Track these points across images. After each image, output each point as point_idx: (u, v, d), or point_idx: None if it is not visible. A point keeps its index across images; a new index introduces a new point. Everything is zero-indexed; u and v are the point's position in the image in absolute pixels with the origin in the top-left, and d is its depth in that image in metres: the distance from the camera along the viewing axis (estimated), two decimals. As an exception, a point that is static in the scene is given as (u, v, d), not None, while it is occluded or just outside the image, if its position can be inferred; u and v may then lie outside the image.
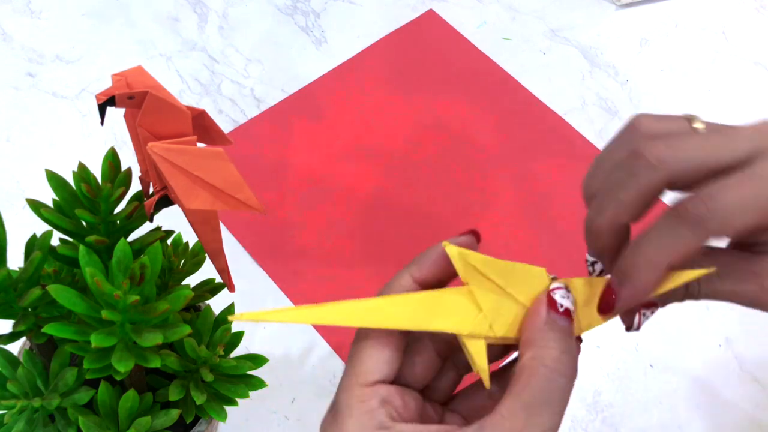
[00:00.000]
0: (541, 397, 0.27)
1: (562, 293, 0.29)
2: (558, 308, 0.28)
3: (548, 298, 0.29)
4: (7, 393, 0.39)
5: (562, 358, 0.28)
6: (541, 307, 0.29)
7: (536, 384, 0.27)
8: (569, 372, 0.28)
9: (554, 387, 0.27)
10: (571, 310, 0.29)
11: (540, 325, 0.28)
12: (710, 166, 0.27)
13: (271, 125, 0.75)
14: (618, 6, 0.86)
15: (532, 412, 0.27)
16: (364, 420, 0.27)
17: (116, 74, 0.35)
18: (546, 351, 0.28)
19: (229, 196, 0.38)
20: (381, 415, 0.28)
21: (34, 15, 0.82)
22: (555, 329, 0.28)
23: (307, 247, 0.67)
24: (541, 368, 0.27)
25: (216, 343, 0.42)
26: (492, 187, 0.72)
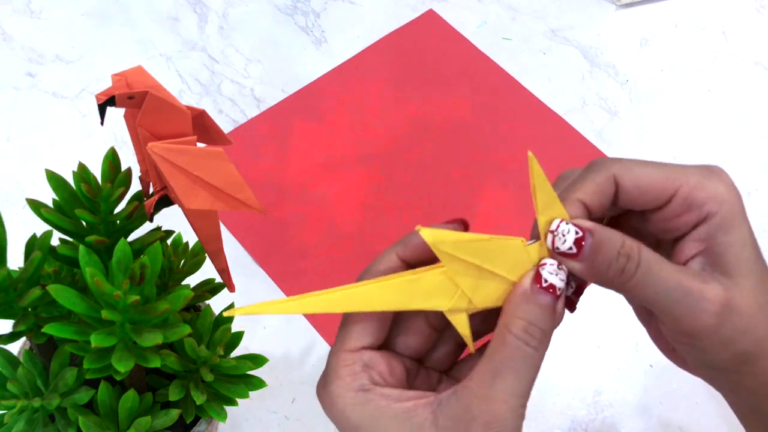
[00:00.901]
0: (507, 363, 0.28)
1: (552, 269, 0.30)
2: (542, 283, 0.29)
3: (536, 272, 0.30)
4: (7, 393, 0.39)
5: (530, 328, 0.29)
6: (527, 279, 0.30)
7: (503, 350, 0.29)
8: (536, 343, 0.29)
9: (520, 354, 0.28)
10: (558, 287, 0.29)
11: (517, 295, 0.30)
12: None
13: (271, 125, 0.75)
14: (618, 6, 0.86)
15: (498, 376, 0.28)
16: (348, 381, 0.30)
17: (116, 74, 0.35)
18: (515, 320, 0.29)
19: (229, 196, 0.38)
20: (363, 378, 0.30)
21: (34, 15, 0.82)
22: (531, 301, 0.29)
23: (307, 247, 0.67)
24: (509, 336, 0.29)
25: (216, 343, 0.42)
26: (492, 187, 0.72)
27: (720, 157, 0.75)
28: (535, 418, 0.61)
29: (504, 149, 0.75)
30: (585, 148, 0.75)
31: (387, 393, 0.29)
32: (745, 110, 0.79)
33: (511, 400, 0.28)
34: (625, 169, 0.30)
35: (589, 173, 0.31)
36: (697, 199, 0.30)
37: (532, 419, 0.61)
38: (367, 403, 0.29)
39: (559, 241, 0.29)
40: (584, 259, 0.29)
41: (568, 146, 0.75)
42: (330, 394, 0.30)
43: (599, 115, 0.78)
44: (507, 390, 0.28)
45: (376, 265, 0.31)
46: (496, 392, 0.28)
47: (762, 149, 0.77)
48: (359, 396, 0.29)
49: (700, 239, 0.30)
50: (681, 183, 0.30)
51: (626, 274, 0.29)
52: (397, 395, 0.29)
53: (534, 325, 0.29)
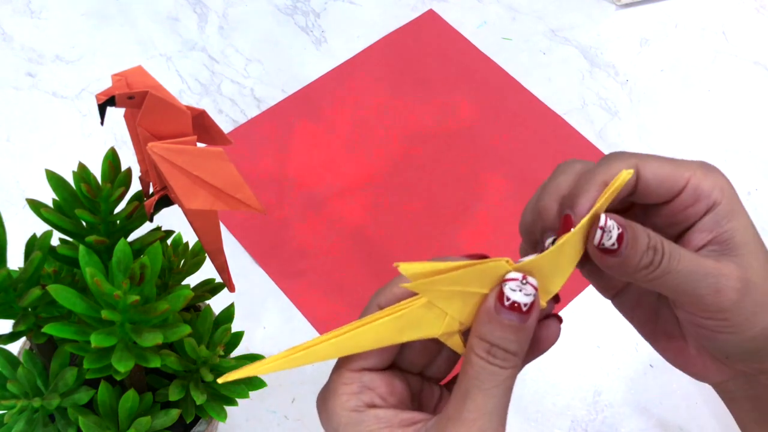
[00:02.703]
0: (474, 382, 0.28)
1: (514, 285, 0.29)
2: (504, 301, 0.29)
3: (498, 291, 0.29)
4: (7, 393, 0.39)
5: (493, 350, 0.28)
6: (491, 297, 0.29)
7: (470, 371, 0.29)
8: (501, 362, 0.28)
9: (485, 373, 0.28)
10: (523, 303, 0.29)
11: (481, 314, 0.29)
12: None
13: (271, 125, 0.75)
14: (618, 6, 0.86)
15: (468, 396, 0.28)
16: (344, 399, 0.30)
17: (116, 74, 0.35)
18: (479, 342, 0.29)
19: (229, 196, 0.38)
20: (359, 399, 0.30)
21: (34, 15, 0.82)
22: (493, 321, 0.29)
23: (307, 247, 0.67)
24: (473, 357, 0.29)
25: (216, 343, 0.42)
26: (492, 187, 0.72)
27: (720, 157, 0.75)
28: (536, 418, 0.61)
29: (504, 149, 0.75)
30: (585, 148, 0.75)
31: (381, 415, 0.29)
32: (745, 110, 0.79)
33: (481, 420, 0.28)
34: (645, 162, 0.31)
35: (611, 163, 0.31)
36: (705, 188, 0.30)
37: (533, 419, 0.61)
38: (359, 423, 0.29)
39: (607, 238, 0.29)
40: (621, 254, 0.29)
41: (568, 146, 0.75)
42: (327, 410, 0.30)
43: (599, 115, 0.78)
44: (477, 410, 0.28)
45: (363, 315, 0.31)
46: (467, 413, 0.28)
47: (762, 149, 0.77)
48: (353, 416, 0.29)
49: (707, 229, 0.31)
50: (689, 175, 0.30)
51: (654, 265, 0.29)
52: (389, 418, 0.29)
53: (497, 346, 0.28)
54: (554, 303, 0.31)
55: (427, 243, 0.68)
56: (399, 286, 0.30)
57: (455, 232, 0.69)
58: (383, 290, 0.31)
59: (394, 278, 0.31)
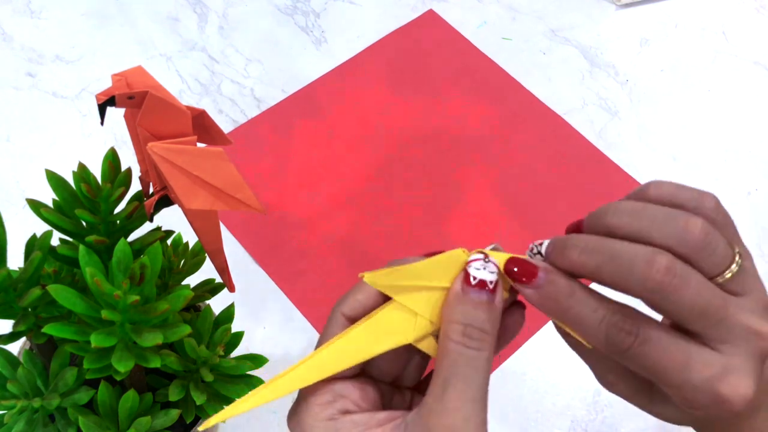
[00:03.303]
0: (452, 370, 0.28)
1: (478, 264, 0.29)
2: (471, 281, 0.29)
3: (464, 272, 0.29)
4: (7, 393, 0.39)
5: (467, 330, 0.28)
6: (456, 281, 0.29)
7: (446, 359, 0.28)
8: (477, 344, 0.28)
9: (463, 359, 0.28)
10: (488, 281, 0.29)
11: (450, 299, 0.29)
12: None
13: (271, 125, 0.75)
14: (618, 6, 0.86)
15: (446, 385, 0.28)
16: (317, 411, 0.30)
17: (116, 74, 0.35)
18: (452, 326, 0.29)
19: (229, 196, 0.38)
20: (332, 408, 0.30)
21: (34, 15, 0.82)
22: (463, 302, 0.29)
23: (307, 247, 0.67)
24: (449, 343, 0.28)
25: (216, 343, 0.42)
26: (492, 188, 0.72)
27: (720, 157, 0.75)
28: (536, 418, 0.61)
29: (504, 149, 0.74)
30: (585, 148, 0.75)
31: (357, 420, 0.29)
32: (745, 110, 0.79)
33: (464, 407, 0.27)
34: None
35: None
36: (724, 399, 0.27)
37: (532, 419, 0.61)
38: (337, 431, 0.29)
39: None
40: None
41: (568, 146, 0.75)
42: (300, 424, 0.30)
43: (599, 115, 0.78)
44: (458, 398, 0.28)
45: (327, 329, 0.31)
46: (448, 402, 0.28)
47: (762, 149, 0.77)
48: (329, 425, 0.29)
49: None
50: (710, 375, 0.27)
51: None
52: (365, 421, 0.29)
53: (471, 325, 0.28)
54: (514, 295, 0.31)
55: (427, 242, 0.68)
56: (361, 292, 0.31)
57: (456, 232, 0.69)
58: (345, 298, 0.31)
59: (354, 285, 0.31)
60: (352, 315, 0.31)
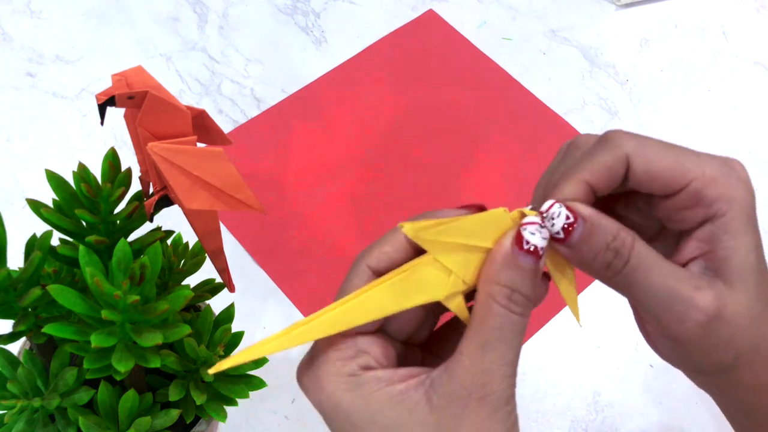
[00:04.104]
0: (497, 334, 0.27)
1: (533, 228, 0.28)
2: (523, 245, 0.28)
3: (516, 234, 0.28)
4: (7, 393, 0.39)
5: (514, 296, 0.28)
6: (507, 240, 0.28)
7: (491, 322, 0.28)
8: (521, 309, 0.28)
9: (507, 323, 0.28)
10: (540, 247, 0.28)
11: (498, 260, 0.28)
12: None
13: (271, 125, 0.75)
14: (618, 6, 0.86)
15: (488, 347, 0.27)
16: (338, 366, 0.28)
17: (116, 74, 0.35)
18: (498, 288, 0.28)
19: (229, 196, 0.38)
20: (354, 364, 0.28)
21: (34, 15, 0.82)
22: (512, 266, 0.28)
23: (307, 247, 0.67)
24: (494, 306, 0.28)
25: (216, 343, 0.42)
26: (493, 188, 0.72)
27: (720, 157, 0.75)
28: (536, 418, 0.61)
29: (504, 149, 0.75)
30: (585, 148, 0.75)
31: (380, 375, 0.28)
32: (745, 110, 0.79)
33: (503, 369, 0.27)
34: (640, 151, 0.29)
35: (600, 150, 0.29)
36: (708, 195, 0.28)
37: (533, 419, 0.61)
38: (359, 386, 0.28)
39: (548, 223, 0.28)
40: (571, 245, 0.28)
41: (568, 146, 0.75)
42: (318, 379, 0.29)
43: (599, 115, 0.78)
44: (498, 360, 0.27)
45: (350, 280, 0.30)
46: (489, 364, 0.27)
47: (762, 149, 0.77)
48: (351, 381, 0.28)
49: (704, 239, 0.29)
50: (694, 175, 0.29)
51: (612, 269, 0.28)
52: (388, 377, 0.28)
53: (518, 291, 0.28)
54: None
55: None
56: (389, 244, 0.30)
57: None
58: (371, 249, 0.30)
59: (381, 237, 0.30)
60: (378, 267, 0.30)
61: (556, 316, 0.65)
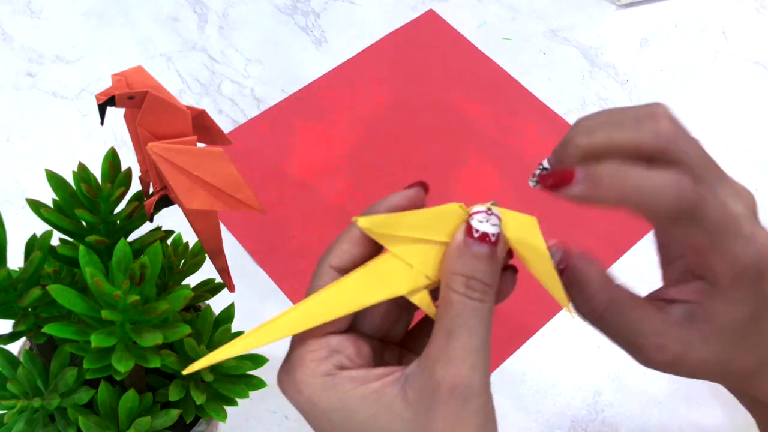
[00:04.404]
0: (457, 321, 0.28)
1: (481, 217, 0.29)
2: (473, 234, 0.29)
3: (466, 225, 0.29)
4: (7, 393, 0.39)
5: (470, 282, 0.28)
6: (458, 233, 0.29)
7: (450, 309, 0.28)
8: (480, 295, 0.28)
9: (467, 310, 0.28)
10: (491, 234, 0.29)
11: (451, 251, 0.29)
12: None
13: (271, 125, 0.75)
14: (618, 6, 0.86)
15: (452, 335, 0.28)
16: (312, 367, 0.29)
17: (116, 74, 0.35)
18: (454, 277, 0.28)
19: (229, 196, 0.38)
20: (328, 363, 0.29)
21: (34, 15, 0.82)
22: (465, 254, 0.29)
23: (307, 247, 0.67)
24: (452, 294, 0.28)
25: (216, 343, 0.42)
26: (493, 188, 0.72)
27: (720, 157, 0.75)
28: (536, 418, 0.61)
29: (504, 149, 0.75)
30: (585, 148, 0.75)
31: (354, 375, 0.29)
32: (745, 110, 0.79)
33: (469, 357, 0.28)
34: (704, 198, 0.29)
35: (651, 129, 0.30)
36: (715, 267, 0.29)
37: (533, 419, 0.61)
38: (334, 386, 0.28)
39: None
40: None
41: (568, 146, 0.75)
42: (295, 382, 0.29)
43: (599, 115, 0.78)
44: (463, 347, 0.28)
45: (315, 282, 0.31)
46: (454, 351, 0.28)
47: (762, 149, 0.77)
48: (327, 381, 0.29)
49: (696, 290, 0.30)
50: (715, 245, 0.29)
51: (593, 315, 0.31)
52: (363, 376, 0.29)
53: (474, 278, 0.28)
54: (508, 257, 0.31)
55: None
56: (348, 242, 0.30)
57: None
58: (331, 249, 0.31)
59: (338, 236, 0.31)
60: (340, 266, 0.30)
61: (556, 316, 0.65)
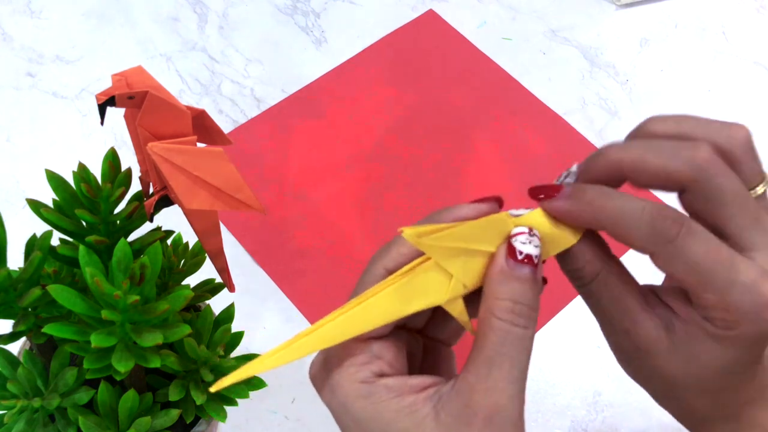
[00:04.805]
0: (500, 349, 0.27)
1: (524, 238, 0.28)
2: (517, 256, 0.28)
3: (508, 246, 0.28)
4: (7, 393, 0.39)
5: (516, 308, 0.28)
6: (500, 255, 0.28)
7: (493, 337, 0.27)
8: (525, 321, 0.28)
9: (511, 338, 0.27)
10: (534, 255, 0.28)
11: (495, 275, 0.28)
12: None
13: (271, 125, 0.75)
14: (618, 6, 0.86)
15: (493, 364, 0.27)
16: (351, 372, 0.29)
17: (116, 74, 0.35)
18: (499, 302, 0.28)
19: (229, 196, 0.38)
20: (367, 370, 0.29)
21: (34, 15, 0.82)
22: (510, 278, 0.28)
23: (307, 247, 0.67)
24: (495, 321, 0.28)
25: (216, 343, 0.42)
26: (493, 188, 0.72)
27: (720, 157, 0.75)
28: (536, 418, 0.61)
29: (504, 149, 0.75)
30: (585, 148, 0.75)
31: (390, 384, 0.28)
32: (745, 110, 0.79)
33: (509, 388, 0.27)
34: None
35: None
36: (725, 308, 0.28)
37: (533, 419, 0.61)
38: (369, 396, 0.28)
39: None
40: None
41: (568, 146, 0.75)
42: (331, 383, 0.29)
43: (599, 115, 0.78)
44: (504, 378, 0.27)
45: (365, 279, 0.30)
46: (494, 382, 0.27)
47: (762, 149, 0.76)
48: (362, 388, 0.28)
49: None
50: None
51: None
52: (399, 386, 0.28)
53: (519, 303, 0.28)
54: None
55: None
56: (405, 245, 0.29)
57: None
58: (387, 251, 0.30)
59: (394, 238, 0.30)
60: (395, 268, 0.30)
61: (556, 316, 0.65)
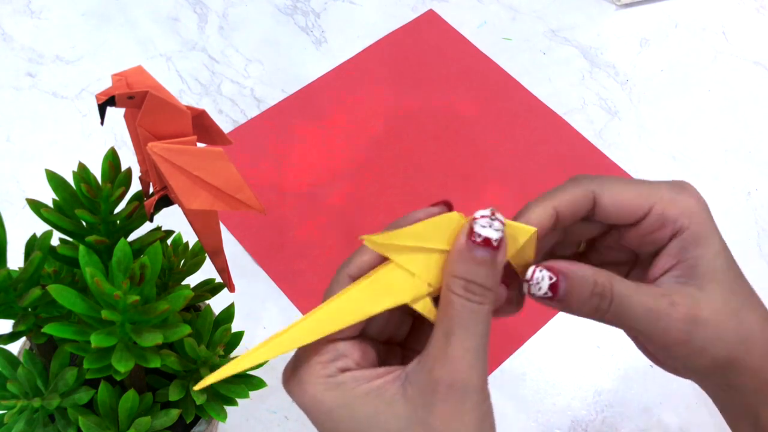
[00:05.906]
0: (456, 321, 0.29)
1: (484, 222, 0.30)
2: (475, 238, 0.29)
3: (468, 228, 0.30)
4: (7, 393, 0.39)
5: (470, 287, 0.29)
6: (461, 236, 0.30)
7: (450, 311, 0.29)
8: (480, 298, 0.29)
9: (466, 311, 0.29)
10: (494, 239, 0.29)
11: (453, 254, 0.30)
12: None
13: (271, 125, 0.75)
14: (618, 6, 0.86)
15: (451, 334, 0.29)
16: (318, 369, 0.30)
17: (116, 74, 0.35)
18: (454, 280, 0.29)
19: (229, 196, 0.38)
20: (333, 366, 0.30)
21: (34, 15, 0.82)
22: (467, 259, 0.29)
23: (307, 247, 0.67)
24: (451, 296, 0.29)
25: (216, 343, 0.42)
26: (492, 188, 0.72)
27: (720, 157, 0.75)
28: (536, 418, 0.61)
29: (504, 149, 0.75)
30: (585, 148, 0.75)
31: (357, 375, 0.30)
32: (745, 110, 0.79)
33: (467, 356, 0.29)
34: (604, 187, 0.32)
35: (568, 185, 0.32)
36: (670, 215, 0.31)
37: (533, 419, 0.61)
38: (338, 387, 0.30)
39: (535, 289, 0.31)
40: (561, 300, 0.31)
41: (568, 146, 0.75)
42: (300, 382, 0.30)
43: (599, 115, 0.78)
44: (461, 347, 0.29)
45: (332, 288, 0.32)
46: (452, 351, 0.28)
47: (762, 149, 0.77)
48: (330, 381, 0.30)
49: (673, 254, 0.32)
50: (655, 200, 0.32)
51: (600, 311, 0.31)
52: (366, 375, 0.30)
53: (473, 282, 0.29)
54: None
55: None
56: (367, 253, 0.31)
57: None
58: (350, 260, 0.32)
59: (359, 248, 0.32)
60: (358, 275, 0.31)
61: (555, 316, 0.65)
